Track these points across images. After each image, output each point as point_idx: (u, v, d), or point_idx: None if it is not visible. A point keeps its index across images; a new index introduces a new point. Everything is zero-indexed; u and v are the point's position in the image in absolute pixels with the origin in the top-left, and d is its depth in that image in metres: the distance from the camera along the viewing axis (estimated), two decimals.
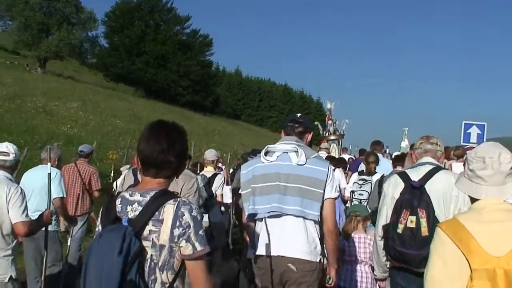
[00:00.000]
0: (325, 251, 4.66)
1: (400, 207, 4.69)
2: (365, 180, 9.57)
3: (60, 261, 7.92)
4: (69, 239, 8.81)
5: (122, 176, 6.84)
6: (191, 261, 2.91)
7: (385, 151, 16.55)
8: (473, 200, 2.88)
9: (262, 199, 4.60)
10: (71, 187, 9.42)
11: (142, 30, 68.99)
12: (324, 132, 22.48)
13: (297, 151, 4.58)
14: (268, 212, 4.56)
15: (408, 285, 4.65)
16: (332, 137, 21.83)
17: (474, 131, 15.08)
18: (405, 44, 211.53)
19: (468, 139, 14.92)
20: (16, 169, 5.82)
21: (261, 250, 4.62)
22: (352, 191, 9.81)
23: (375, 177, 9.30)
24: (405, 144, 24.87)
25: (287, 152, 4.62)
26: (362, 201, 9.27)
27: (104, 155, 18.20)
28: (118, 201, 2.97)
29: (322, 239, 4.63)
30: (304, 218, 4.51)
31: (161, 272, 2.88)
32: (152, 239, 2.86)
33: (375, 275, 5.27)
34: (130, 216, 2.88)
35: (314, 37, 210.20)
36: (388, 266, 5.02)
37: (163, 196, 2.92)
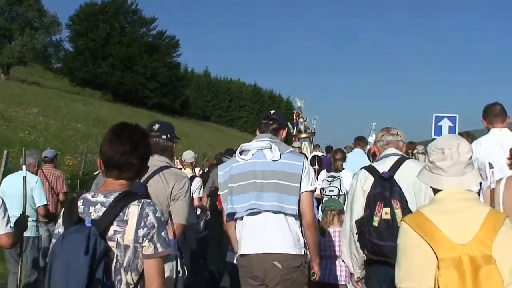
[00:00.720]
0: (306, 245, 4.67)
1: (374, 200, 4.68)
2: (334, 177, 9.58)
3: (36, 270, 7.74)
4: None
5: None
6: (150, 261, 2.89)
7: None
8: (435, 191, 2.95)
9: (240, 198, 4.62)
10: None
11: (107, 33, 68.42)
12: (295, 131, 21.97)
13: (271, 147, 4.60)
14: (246, 210, 4.57)
15: (386, 277, 4.46)
16: (303, 135, 21.42)
17: (445, 124, 14.51)
18: (371, 36, 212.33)
19: (440, 132, 14.28)
20: None
21: (244, 249, 4.64)
22: (322, 188, 9.72)
23: (343, 173, 9.57)
24: (372, 139, 24.40)
25: (261, 149, 4.65)
26: (332, 197, 9.24)
27: (61, 161, 17.41)
28: (80, 202, 2.96)
29: (302, 233, 4.64)
30: (284, 213, 4.52)
31: (125, 273, 2.87)
32: (117, 239, 2.86)
33: (357, 277, 5.13)
34: (93, 217, 2.87)
35: (281, 36, 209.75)
36: (363, 261, 4.98)
37: (127, 197, 2.93)
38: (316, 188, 5.28)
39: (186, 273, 4.38)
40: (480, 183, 5.21)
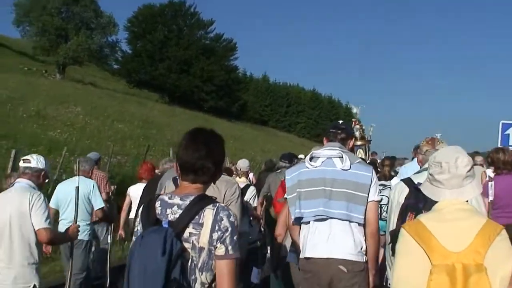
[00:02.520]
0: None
1: (405, 210, 4.67)
2: (384, 185, 8.99)
3: (84, 270, 8.20)
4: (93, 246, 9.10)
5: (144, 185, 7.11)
6: (221, 261, 3.00)
7: None
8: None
9: (308, 203, 4.79)
10: None
11: (164, 35, 67.96)
12: None
13: (342, 157, 4.79)
14: (314, 216, 4.76)
15: None
16: (359, 143, 21.22)
17: None
18: (434, 47, 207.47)
19: (507, 141, 13.04)
20: (41, 179, 5.80)
21: (309, 253, 4.79)
22: None
23: (394, 182, 9.00)
24: None
25: (331, 158, 4.83)
26: (382, 206, 8.45)
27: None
28: (157, 204, 3.11)
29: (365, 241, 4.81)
30: (350, 221, 4.70)
31: (200, 273, 3.00)
32: (192, 241, 2.99)
33: (390, 284, 5.03)
34: (170, 219, 3.02)
35: (342, 41, 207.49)
36: None
37: (203, 200, 3.06)
38: (381, 198, 5.51)
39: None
40: None
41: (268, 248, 9.80)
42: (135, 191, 9.34)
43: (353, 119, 23.26)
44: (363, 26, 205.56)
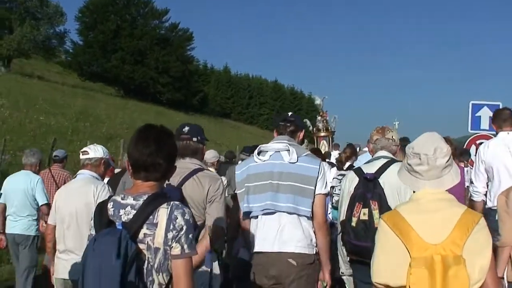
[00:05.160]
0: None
1: (354, 200, 4.84)
2: (344, 175, 8.59)
3: (35, 265, 8.14)
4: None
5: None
6: (177, 261, 2.96)
7: None
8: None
9: (256, 198, 4.82)
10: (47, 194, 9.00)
11: (117, 25, 65.54)
12: (314, 129, 21.49)
13: (289, 150, 4.77)
14: (262, 210, 4.77)
15: (364, 278, 4.45)
16: (322, 134, 21.09)
17: (485, 114, 11.23)
18: (399, 31, 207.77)
19: (478, 125, 11.31)
20: (101, 167, 5.83)
21: (258, 247, 4.79)
22: (332, 186, 9.31)
23: None
24: None
25: (279, 151, 4.83)
26: None
27: None
28: (110, 205, 3.04)
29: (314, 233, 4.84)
30: (298, 214, 4.71)
31: (157, 274, 2.95)
32: (147, 242, 2.94)
33: (342, 273, 5.33)
34: (123, 220, 2.95)
35: (304, 30, 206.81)
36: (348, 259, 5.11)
37: (157, 199, 2.99)
38: (329, 191, 5.73)
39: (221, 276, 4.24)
40: (487, 184, 6.48)
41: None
42: None
43: (320, 111, 22.12)
44: (326, 16, 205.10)
